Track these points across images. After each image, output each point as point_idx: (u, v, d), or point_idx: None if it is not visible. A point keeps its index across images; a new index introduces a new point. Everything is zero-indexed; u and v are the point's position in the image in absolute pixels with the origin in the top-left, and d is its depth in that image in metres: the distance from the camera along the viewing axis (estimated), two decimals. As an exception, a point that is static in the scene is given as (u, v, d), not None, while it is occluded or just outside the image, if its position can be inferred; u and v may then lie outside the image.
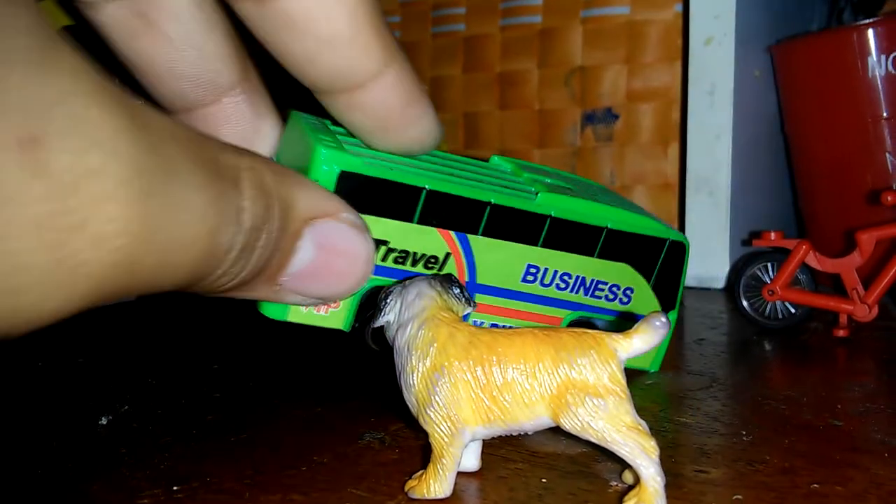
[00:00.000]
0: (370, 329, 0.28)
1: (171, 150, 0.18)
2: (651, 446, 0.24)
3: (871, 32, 0.55)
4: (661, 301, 0.38)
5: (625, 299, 0.37)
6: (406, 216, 0.30)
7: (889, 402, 0.36)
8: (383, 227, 0.30)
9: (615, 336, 0.25)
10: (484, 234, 0.32)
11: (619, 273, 0.37)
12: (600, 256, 0.36)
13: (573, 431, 0.25)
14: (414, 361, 0.26)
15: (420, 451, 0.31)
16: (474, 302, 0.28)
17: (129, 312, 0.54)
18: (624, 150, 0.75)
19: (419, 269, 0.31)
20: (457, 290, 0.28)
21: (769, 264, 0.48)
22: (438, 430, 0.26)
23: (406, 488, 0.27)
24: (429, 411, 0.26)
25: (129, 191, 0.16)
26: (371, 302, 0.29)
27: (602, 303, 0.37)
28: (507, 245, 0.33)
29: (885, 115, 0.55)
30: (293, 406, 0.36)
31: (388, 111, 0.28)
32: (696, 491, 0.27)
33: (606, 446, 0.25)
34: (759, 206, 0.65)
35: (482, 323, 0.34)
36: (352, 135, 0.30)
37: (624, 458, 0.25)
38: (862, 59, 0.55)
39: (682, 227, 0.66)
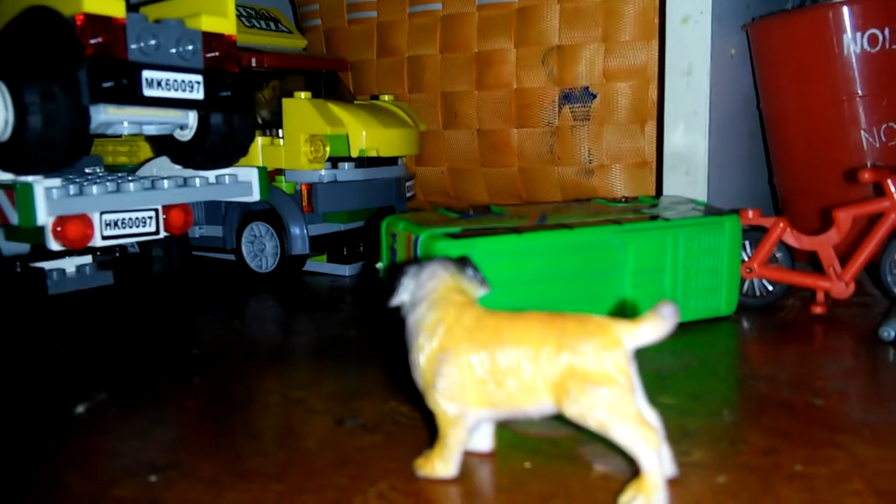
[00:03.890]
0: (386, 308, 0.28)
1: None
2: (654, 438, 0.24)
3: (845, 10, 0.55)
4: None
5: None
6: None
7: (867, 380, 0.36)
8: None
9: (623, 323, 0.25)
10: None
11: None
12: None
13: (574, 419, 0.25)
14: (421, 341, 0.26)
15: (401, 436, 0.30)
16: (488, 283, 0.28)
17: (106, 298, 0.53)
18: (601, 129, 0.75)
19: None
20: (470, 272, 0.28)
21: (746, 242, 0.49)
22: (443, 411, 0.26)
23: (414, 465, 0.27)
24: (434, 392, 0.26)
25: None
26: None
27: None
28: None
29: (860, 92, 0.55)
30: (272, 391, 0.36)
31: None
32: (678, 474, 0.27)
33: (606, 435, 0.24)
34: (736, 184, 0.65)
35: None
36: None
37: (624, 448, 0.24)
38: (837, 36, 0.55)
39: (659, 207, 0.66)
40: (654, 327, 0.24)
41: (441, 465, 0.26)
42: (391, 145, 0.59)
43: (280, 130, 0.57)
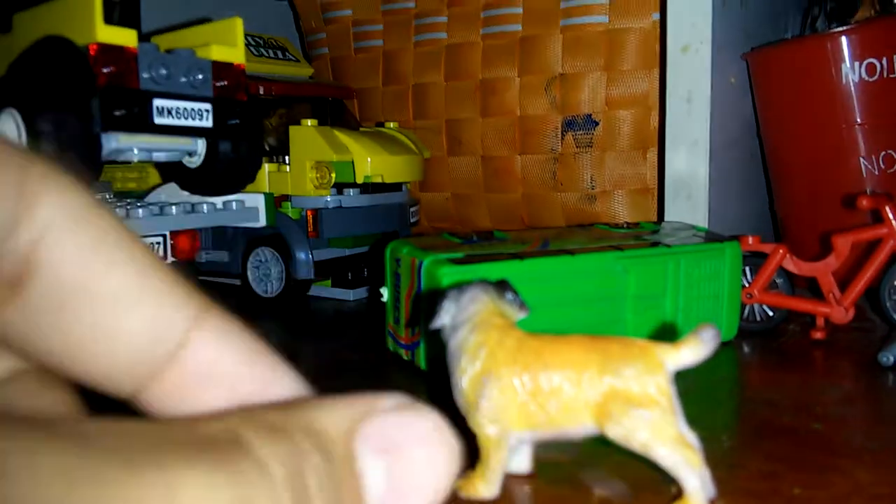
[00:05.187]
0: (427, 331, 0.28)
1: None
2: (696, 459, 0.24)
3: (844, 40, 0.56)
4: None
5: None
6: None
7: (867, 405, 0.37)
8: None
9: (664, 346, 0.25)
10: None
11: None
12: None
13: (617, 441, 0.25)
14: (464, 364, 0.26)
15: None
16: (527, 307, 0.29)
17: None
18: (604, 156, 0.76)
19: None
20: (510, 296, 0.28)
21: (747, 268, 0.49)
22: (485, 433, 0.26)
23: (455, 487, 0.27)
24: (476, 414, 0.26)
25: None
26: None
27: None
28: None
29: (858, 120, 0.56)
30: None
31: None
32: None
33: (649, 457, 0.25)
34: (737, 210, 0.66)
35: None
36: None
37: (667, 469, 0.25)
38: (836, 65, 0.56)
39: (661, 233, 0.66)
40: (694, 350, 0.25)
41: (483, 486, 0.26)
42: (395, 171, 0.59)
43: (287, 157, 0.58)
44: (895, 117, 0.56)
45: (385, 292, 0.44)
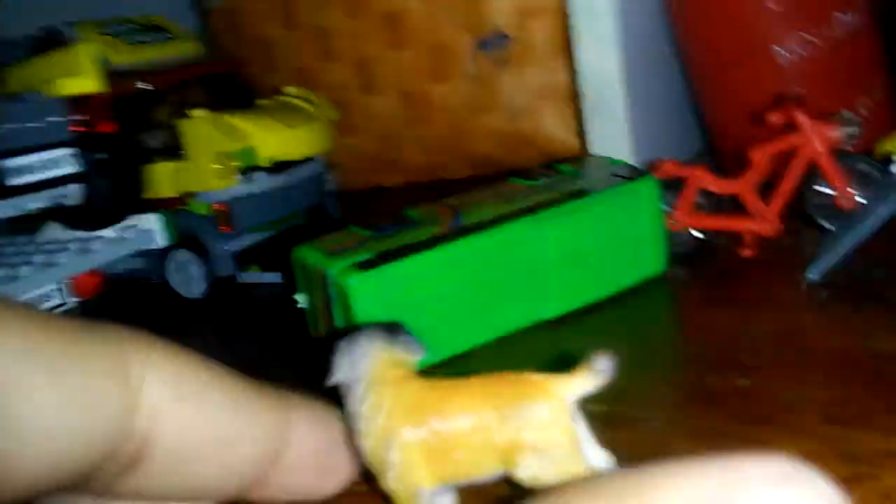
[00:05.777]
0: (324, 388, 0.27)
1: None
2: None
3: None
4: None
5: None
6: None
7: (794, 341, 0.36)
8: None
9: (559, 380, 0.24)
10: None
11: None
12: None
13: (526, 483, 0.24)
14: (363, 427, 0.25)
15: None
16: (424, 347, 0.27)
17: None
18: (522, 71, 0.73)
19: None
20: (404, 340, 0.27)
21: (668, 193, 0.48)
22: (397, 495, 0.25)
23: None
24: (386, 476, 0.25)
25: None
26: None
27: None
28: None
29: (769, 6, 0.53)
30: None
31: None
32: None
33: None
34: (663, 124, 0.64)
35: None
36: None
37: None
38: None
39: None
40: (589, 381, 0.24)
41: None
42: (300, 146, 0.56)
43: (184, 152, 0.55)
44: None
45: (301, 298, 0.43)
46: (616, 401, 0.33)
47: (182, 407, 0.20)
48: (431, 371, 0.39)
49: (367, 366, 0.26)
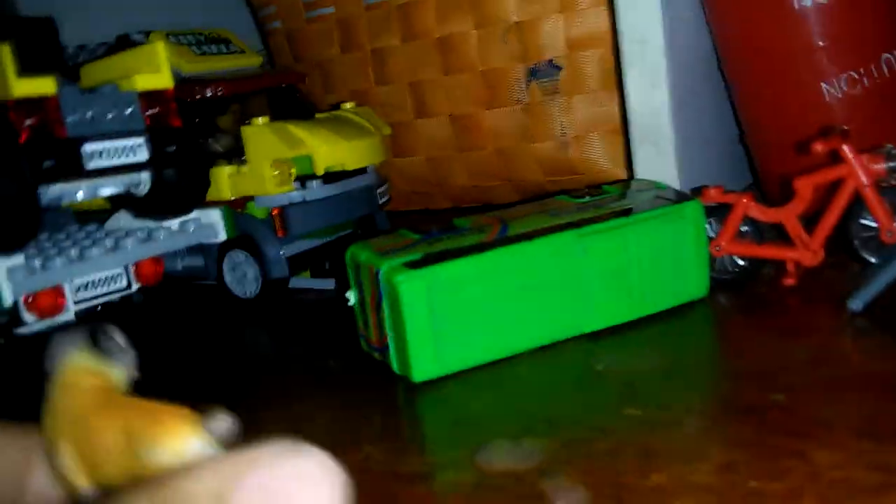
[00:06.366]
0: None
1: None
2: None
3: (797, -39, 0.54)
4: None
5: None
6: None
7: (832, 364, 0.37)
8: None
9: (185, 425, 0.23)
10: None
11: None
12: None
13: None
14: (45, 424, 0.25)
15: (375, 490, 0.31)
16: (127, 353, 0.26)
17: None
18: (572, 101, 0.74)
19: None
20: (107, 347, 0.26)
21: (712, 220, 0.49)
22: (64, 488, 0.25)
23: None
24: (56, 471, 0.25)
25: None
26: None
27: None
28: None
29: (820, 44, 0.54)
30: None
31: None
32: (635, 503, 0.27)
33: None
34: (708, 155, 0.65)
35: None
36: None
37: None
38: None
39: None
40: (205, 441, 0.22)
41: None
42: (355, 157, 0.59)
43: (244, 157, 0.57)
44: (852, 37, 0.54)
45: (351, 296, 0.44)
46: (653, 407, 0.34)
47: None
48: (471, 375, 0.41)
49: (60, 369, 0.25)
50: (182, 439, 0.22)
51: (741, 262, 0.49)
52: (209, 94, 0.58)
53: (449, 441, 0.35)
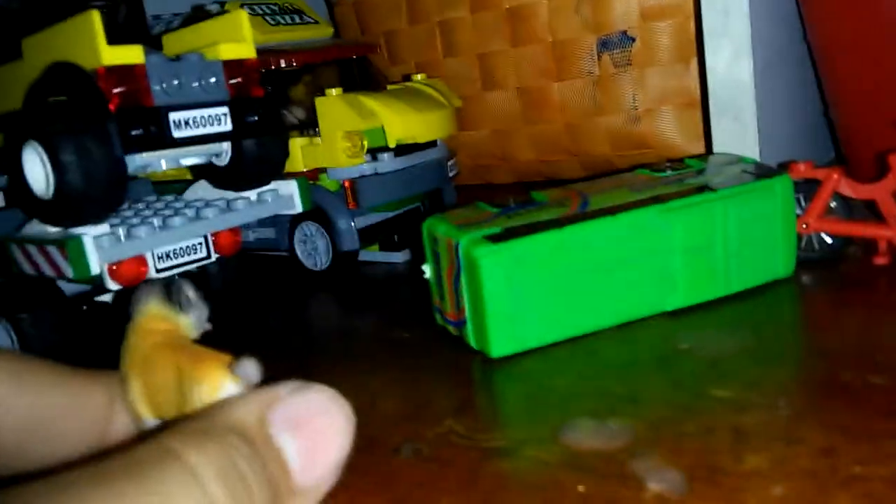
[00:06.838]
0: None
1: None
2: None
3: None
4: None
5: None
6: None
7: (932, 345, 0.35)
8: None
9: (222, 369, 0.24)
10: None
11: None
12: None
13: None
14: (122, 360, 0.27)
15: (458, 463, 0.31)
16: (200, 316, 0.28)
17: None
18: (644, 73, 0.72)
19: None
20: (176, 298, 0.27)
21: (800, 195, 0.47)
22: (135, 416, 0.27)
23: None
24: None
25: None
26: None
27: None
28: None
29: (914, 13, 0.52)
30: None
31: None
32: (731, 486, 0.27)
33: None
34: (790, 129, 0.62)
35: None
36: None
37: None
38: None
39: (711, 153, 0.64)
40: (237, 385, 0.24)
41: None
42: (427, 130, 0.58)
43: (317, 129, 0.57)
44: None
45: (427, 269, 0.44)
46: (744, 388, 0.33)
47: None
48: (550, 351, 0.40)
49: (138, 313, 0.27)
50: (217, 379, 0.24)
51: (828, 240, 0.47)
52: (283, 64, 0.58)
53: (530, 418, 0.35)
